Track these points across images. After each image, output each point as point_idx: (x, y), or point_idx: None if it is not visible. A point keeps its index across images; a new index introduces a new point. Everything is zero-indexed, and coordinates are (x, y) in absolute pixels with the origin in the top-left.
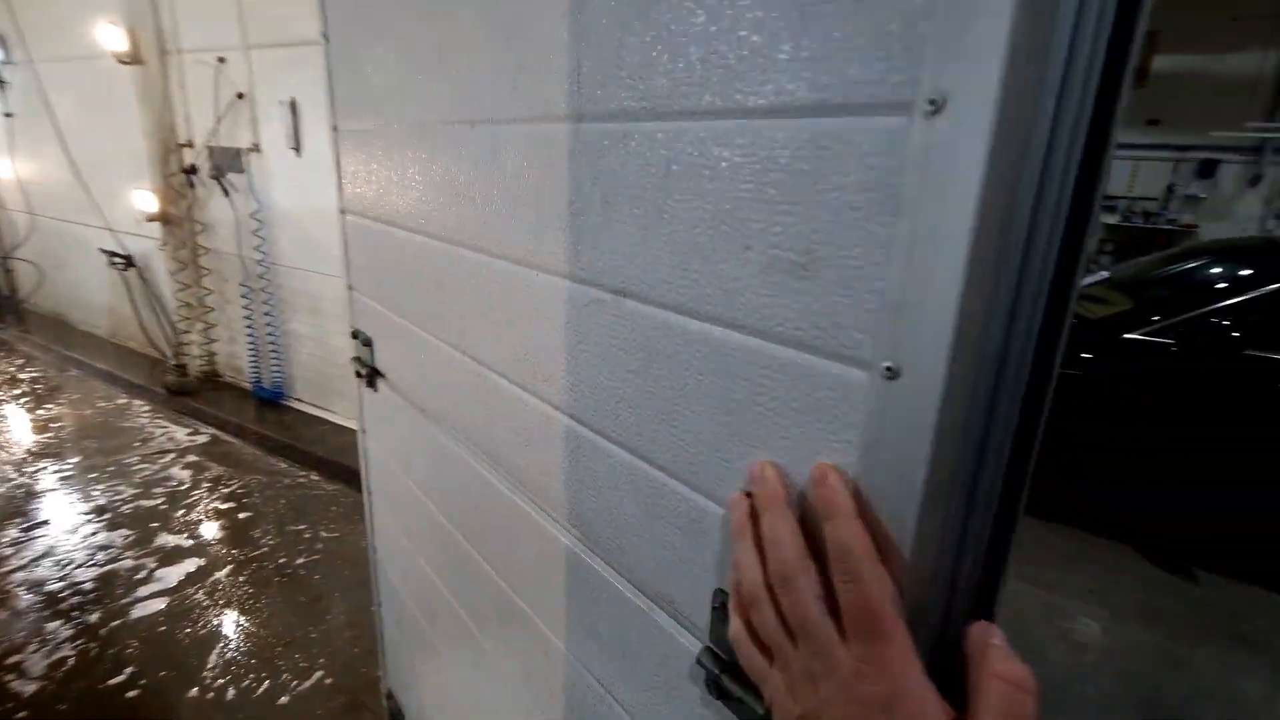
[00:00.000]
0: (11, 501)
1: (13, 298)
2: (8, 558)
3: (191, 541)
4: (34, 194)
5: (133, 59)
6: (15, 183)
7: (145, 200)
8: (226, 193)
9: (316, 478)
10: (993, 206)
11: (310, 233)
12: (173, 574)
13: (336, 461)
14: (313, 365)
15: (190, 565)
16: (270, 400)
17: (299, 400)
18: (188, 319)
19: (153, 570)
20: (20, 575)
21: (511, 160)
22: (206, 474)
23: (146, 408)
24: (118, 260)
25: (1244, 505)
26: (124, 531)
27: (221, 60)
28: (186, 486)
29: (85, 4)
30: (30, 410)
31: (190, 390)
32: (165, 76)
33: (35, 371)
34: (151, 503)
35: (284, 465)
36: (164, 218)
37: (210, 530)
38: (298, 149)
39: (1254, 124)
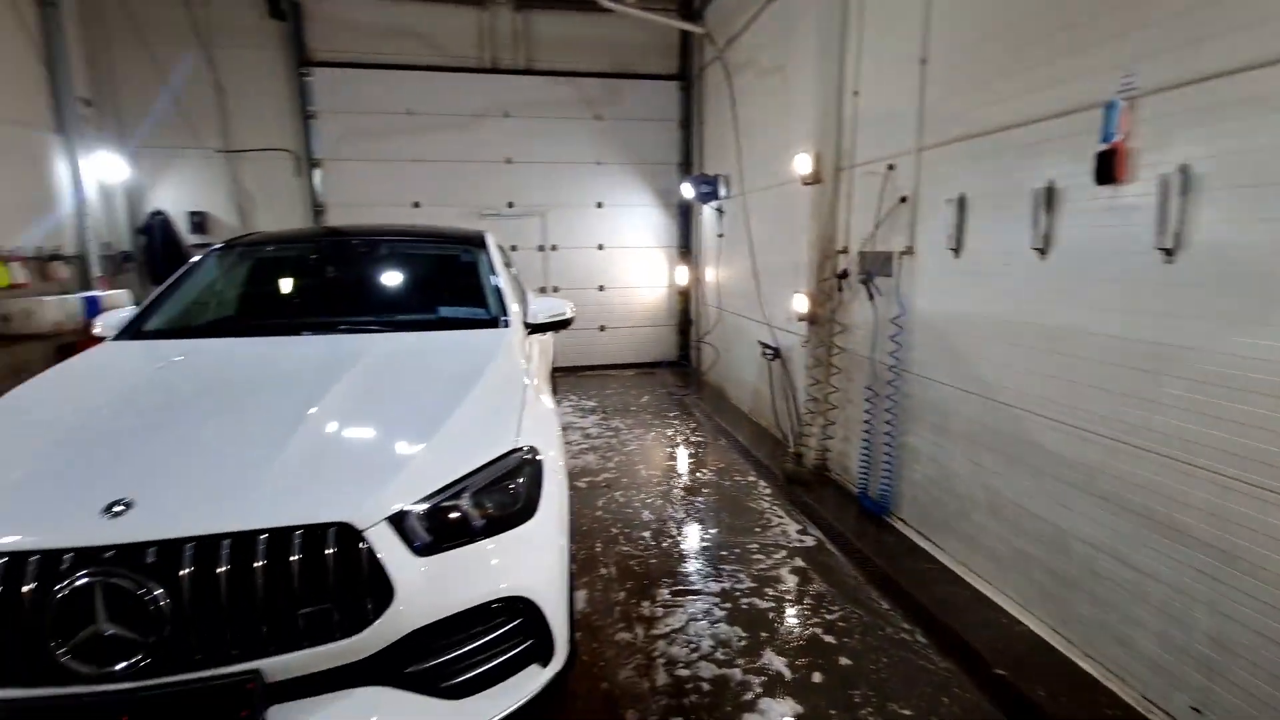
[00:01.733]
0: (667, 560)
1: (696, 370)
2: (656, 620)
3: (793, 675)
4: (724, 293)
5: (813, 179)
6: (714, 285)
7: (799, 302)
8: (871, 296)
9: (923, 641)
10: None
11: (952, 342)
12: (774, 711)
13: (948, 626)
14: (924, 487)
15: (788, 708)
16: (872, 512)
17: (901, 521)
18: (812, 412)
19: (757, 697)
20: (661, 646)
21: None
22: (811, 587)
23: (768, 490)
24: (768, 350)
25: None
26: (739, 631)
27: (891, 168)
28: (792, 597)
29: (788, 143)
30: (691, 472)
31: (803, 481)
32: (835, 191)
33: (700, 436)
34: (763, 605)
35: (885, 605)
36: (811, 318)
37: (811, 669)
38: (957, 249)
39: None
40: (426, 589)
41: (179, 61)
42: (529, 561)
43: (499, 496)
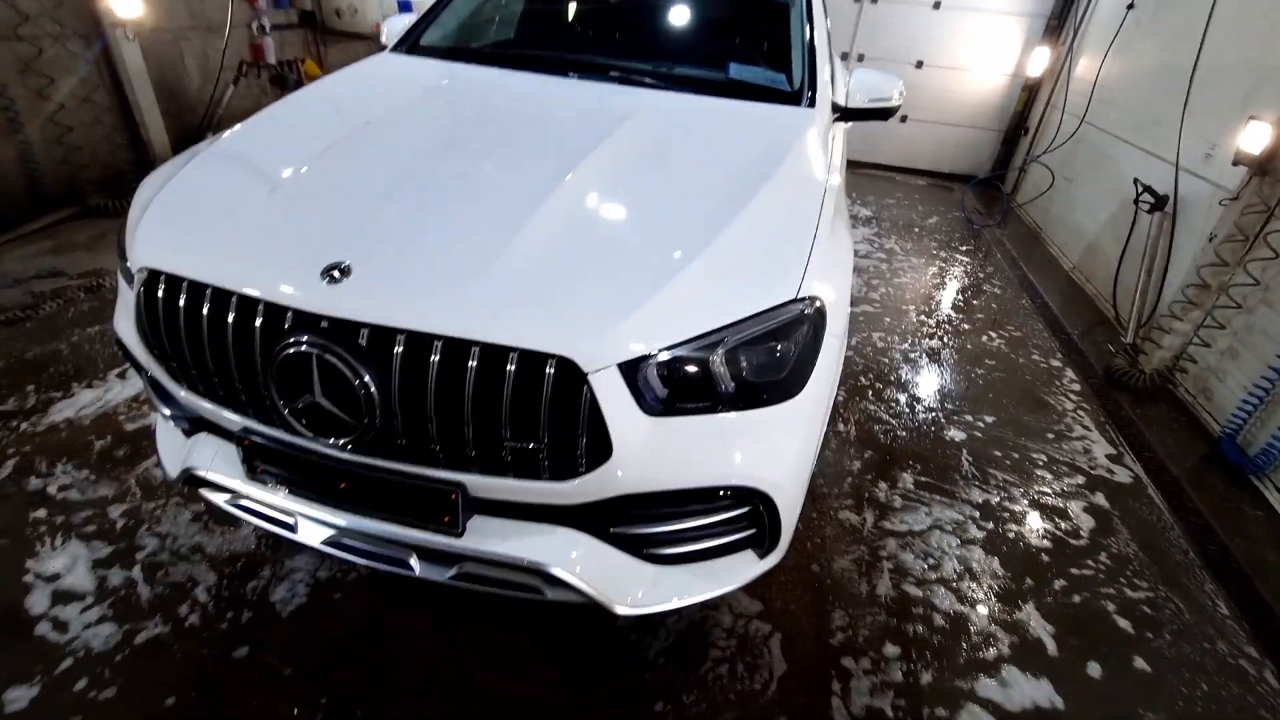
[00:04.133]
0: (919, 438)
1: (1010, 197)
2: (892, 511)
3: (1059, 653)
4: (1101, 97)
5: None
6: (1087, 83)
7: (1253, 134)
8: None
9: (1275, 685)
10: None
11: None
12: (1021, 690)
13: None
14: None
15: (1043, 694)
16: (1237, 468)
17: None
18: (1190, 302)
19: (1002, 659)
20: (891, 545)
21: None
22: (1112, 542)
23: (1075, 386)
24: (1147, 197)
25: None
26: (997, 566)
27: None
28: (1082, 546)
29: None
30: (975, 331)
31: (1132, 388)
32: None
33: (997, 286)
34: (1036, 542)
35: (1222, 609)
36: (1261, 165)
37: (1087, 655)
38: None
39: None
40: (649, 456)
41: None
42: (778, 449)
43: (762, 359)
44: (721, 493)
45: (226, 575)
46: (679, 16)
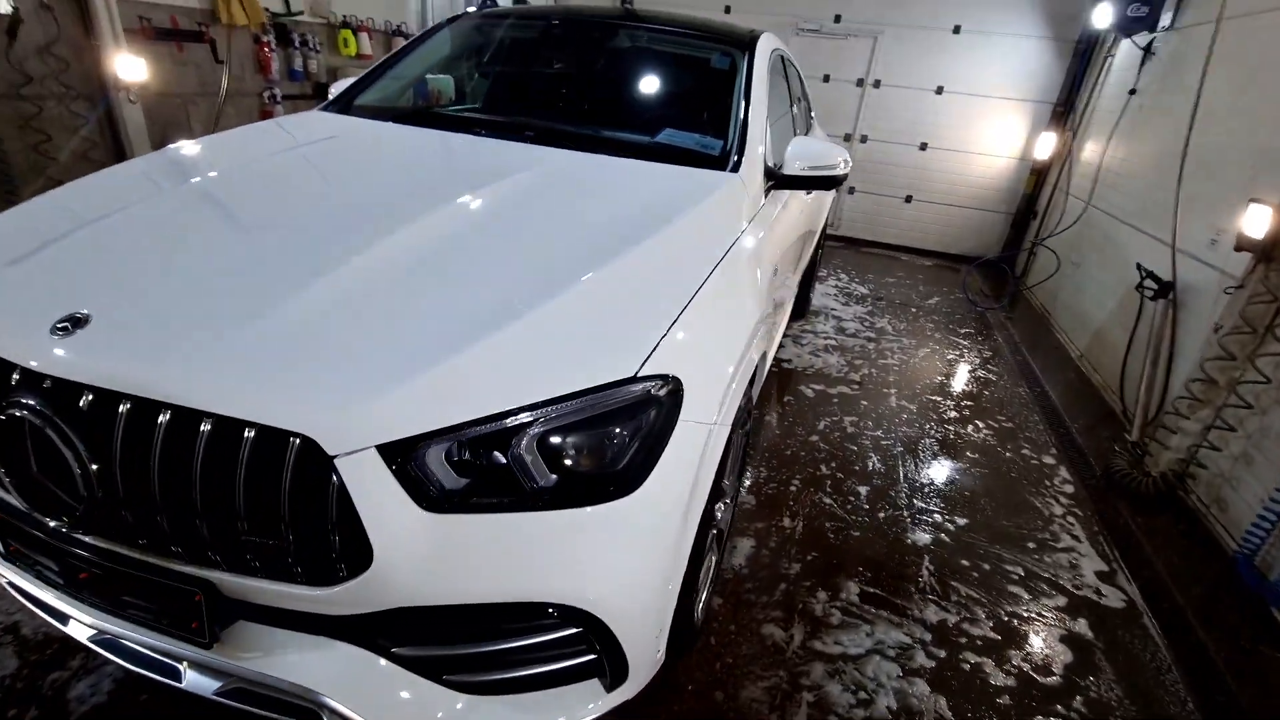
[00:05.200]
0: (875, 541)
1: (1018, 281)
2: (825, 627)
3: None
4: (1105, 181)
5: None
6: (1092, 167)
7: (1254, 218)
8: None
9: None
10: None
11: None
12: None
13: None
14: None
15: None
16: (1256, 596)
17: None
18: (1196, 399)
19: None
20: (816, 672)
21: None
22: (1091, 685)
23: (1070, 488)
24: (1150, 283)
25: None
26: (943, 707)
27: None
28: (1050, 686)
29: None
30: (961, 420)
31: (1136, 492)
32: None
33: (993, 372)
34: (999, 677)
35: None
36: (1265, 251)
37: None
38: None
39: None
40: (434, 562)
41: None
42: (609, 558)
43: (590, 448)
44: (549, 610)
45: (31, 661)
46: (615, 82)
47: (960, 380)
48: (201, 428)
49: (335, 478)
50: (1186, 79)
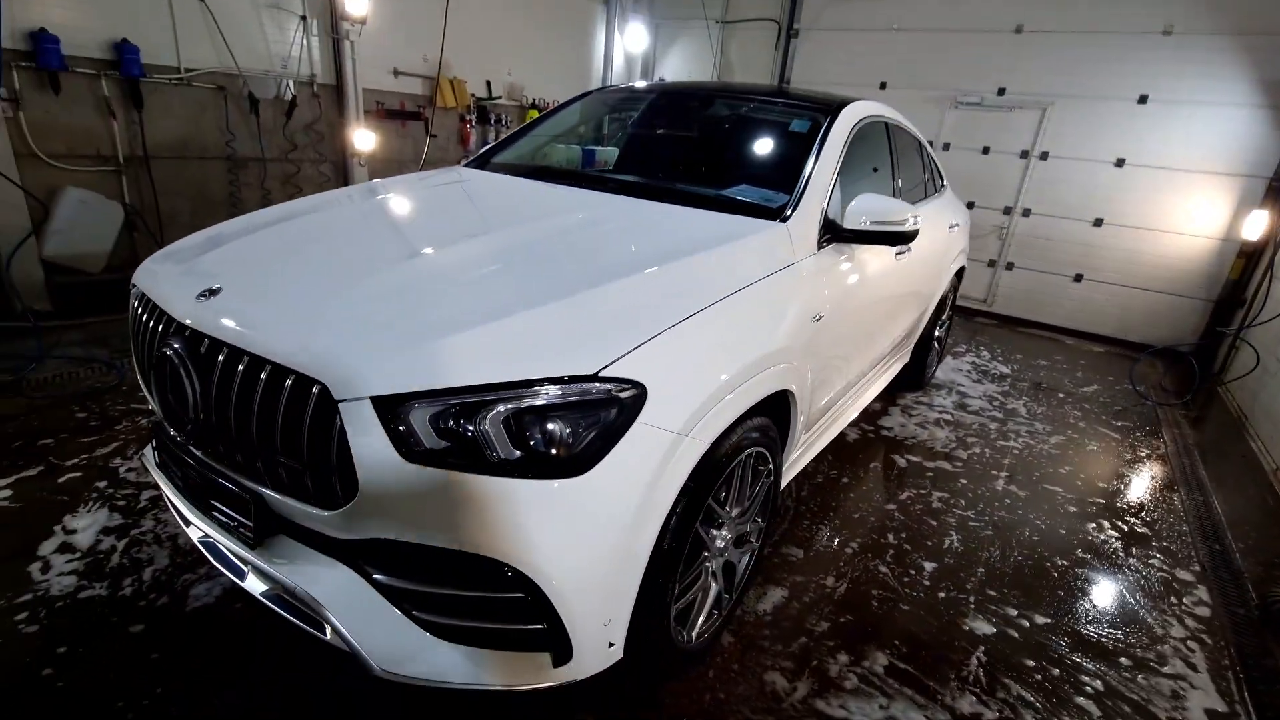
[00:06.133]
0: (925, 617)
1: (1210, 376)
2: (836, 689)
3: None
4: None
5: None
6: None
7: None
8: None
9: None
10: None
11: None
12: None
13: None
14: None
15: None
16: None
17: None
18: None
19: None
20: None
21: None
22: None
23: (1204, 610)
24: None
25: None
26: None
27: None
28: None
29: None
30: (1083, 520)
31: None
32: None
33: (1148, 477)
34: None
35: None
36: None
37: None
38: None
39: None
40: (411, 505)
41: None
42: (551, 530)
43: (543, 427)
44: (505, 570)
45: (175, 564)
46: (700, 144)
47: (1095, 475)
48: (260, 375)
49: (339, 420)
50: None
